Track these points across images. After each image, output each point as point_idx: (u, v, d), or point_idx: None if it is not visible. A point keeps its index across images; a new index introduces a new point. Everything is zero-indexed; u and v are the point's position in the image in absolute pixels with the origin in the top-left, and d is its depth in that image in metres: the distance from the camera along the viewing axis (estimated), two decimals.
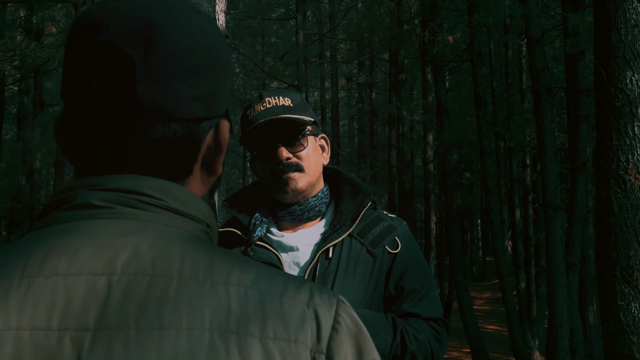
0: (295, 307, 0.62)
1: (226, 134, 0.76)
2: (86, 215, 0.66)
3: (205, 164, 0.75)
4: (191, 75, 0.70)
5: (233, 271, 0.63)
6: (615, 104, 3.80)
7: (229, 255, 0.66)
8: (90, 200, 0.66)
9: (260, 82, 20.03)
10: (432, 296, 1.74)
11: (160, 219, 0.67)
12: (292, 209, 1.70)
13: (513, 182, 15.32)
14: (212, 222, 0.74)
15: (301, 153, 1.67)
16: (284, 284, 0.64)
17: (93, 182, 0.68)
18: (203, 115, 0.72)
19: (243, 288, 0.62)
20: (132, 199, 0.67)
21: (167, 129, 0.69)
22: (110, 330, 0.58)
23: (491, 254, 27.42)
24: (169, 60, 0.68)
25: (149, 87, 0.67)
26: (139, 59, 0.67)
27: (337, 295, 0.66)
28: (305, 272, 1.62)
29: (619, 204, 3.76)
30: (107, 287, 0.60)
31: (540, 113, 8.66)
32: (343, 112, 25.29)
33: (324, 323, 0.63)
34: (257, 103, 1.68)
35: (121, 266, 0.61)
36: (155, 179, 0.69)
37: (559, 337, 8.36)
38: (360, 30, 14.92)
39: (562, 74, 15.03)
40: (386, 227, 1.73)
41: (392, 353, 1.58)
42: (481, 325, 13.18)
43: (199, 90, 0.70)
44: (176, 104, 0.68)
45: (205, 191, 0.78)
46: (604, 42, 3.90)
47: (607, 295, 3.71)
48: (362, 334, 0.65)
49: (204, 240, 0.69)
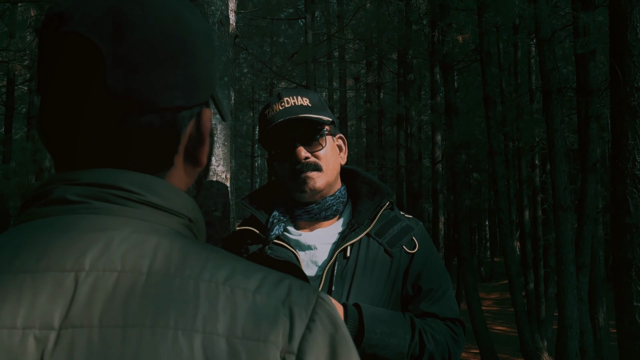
0: (269, 305, 0.60)
1: (208, 123, 0.74)
2: (61, 210, 0.64)
3: (187, 155, 0.73)
4: (165, 63, 0.67)
5: (207, 267, 0.61)
6: (631, 102, 3.77)
7: (208, 250, 0.64)
8: (66, 195, 0.64)
9: (268, 82, 20.05)
10: (449, 296, 1.75)
11: (137, 213, 0.65)
12: (310, 208, 1.70)
13: (522, 182, 15.26)
14: (196, 215, 0.71)
15: (319, 152, 1.68)
16: (260, 280, 0.62)
17: (69, 177, 0.66)
18: (181, 104, 0.69)
19: (214, 284, 0.59)
20: (108, 194, 0.64)
21: (142, 120, 0.66)
22: (74, 328, 0.56)
23: (499, 255, 27.36)
24: (139, 48, 0.65)
25: (119, 77, 0.64)
26: (107, 48, 0.64)
27: (318, 293, 0.64)
28: (323, 271, 1.63)
29: (635, 204, 3.73)
30: (74, 284, 0.58)
31: (551, 113, 8.62)
32: (351, 112, 25.27)
33: (297, 322, 0.60)
34: (275, 102, 1.68)
35: (90, 262, 0.59)
36: (134, 172, 0.67)
37: (569, 339, 8.33)
38: (368, 30, 14.89)
39: (571, 73, 15.00)
40: (404, 227, 1.74)
41: (410, 352, 1.58)
42: (489, 326, 13.14)
43: (175, 79, 0.68)
44: (150, 93, 0.66)
45: (190, 183, 0.75)
46: (620, 41, 3.87)
47: (622, 296, 3.68)
48: (339, 332, 0.62)
49: (185, 235, 0.67)
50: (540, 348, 11.87)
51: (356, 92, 22.54)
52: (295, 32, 21.88)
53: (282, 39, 21.75)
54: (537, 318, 13.27)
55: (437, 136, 15.10)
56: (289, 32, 22.08)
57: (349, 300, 1.60)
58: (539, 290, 14.33)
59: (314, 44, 13.18)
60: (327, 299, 0.64)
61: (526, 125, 12.85)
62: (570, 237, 8.46)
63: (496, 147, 11.52)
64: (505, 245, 11.18)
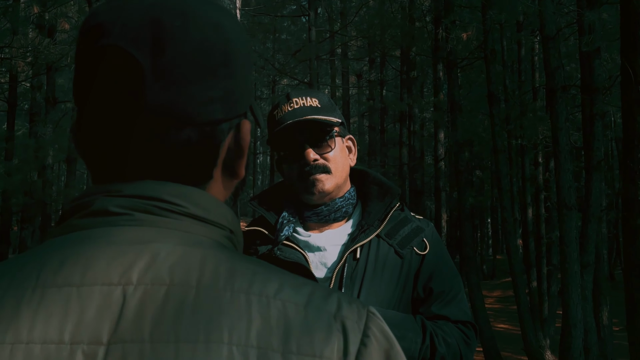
0: (321, 319, 0.58)
1: (247, 135, 0.72)
2: (103, 222, 0.63)
3: (226, 167, 0.72)
4: (206, 76, 0.65)
5: (255, 280, 0.59)
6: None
7: (253, 262, 0.63)
8: (108, 206, 0.63)
9: (270, 79, 20.06)
10: (460, 298, 1.73)
11: (179, 225, 0.64)
12: (319, 210, 1.68)
13: (525, 180, 15.24)
14: (236, 227, 0.70)
15: (328, 154, 1.65)
16: (309, 294, 0.60)
17: (110, 189, 0.65)
18: (221, 117, 0.68)
19: (265, 298, 0.58)
20: (150, 205, 0.64)
21: (182, 134, 0.65)
22: (124, 343, 0.55)
23: (501, 252, 27.36)
24: (180, 61, 0.64)
25: (159, 91, 0.63)
26: (147, 62, 0.63)
27: (368, 307, 0.62)
28: (332, 273, 1.61)
29: None
30: (122, 298, 0.57)
31: (555, 111, 8.58)
32: (354, 110, 25.26)
33: (352, 337, 0.58)
34: (284, 103, 1.66)
35: (137, 275, 0.58)
36: (175, 184, 0.66)
37: (573, 337, 8.30)
38: (371, 27, 14.89)
39: (575, 71, 14.96)
40: (414, 228, 1.71)
41: (421, 355, 1.56)
42: (492, 324, 13.13)
43: (215, 92, 0.66)
44: (190, 107, 0.65)
45: (227, 195, 0.74)
46: (631, 39, 3.81)
47: (633, 298, 3.65)
48: (394, 349, 0.60)
49: (226, 247, 0.66)
50: (543, 346, 11.86)
51: (359, 89, 22.54)
52: (298, 29, 21.86)
53: (284, 36, 21.75)
54: (540, 316, 13.28)
55: (440, 134, 15.08)
56: (291, 29, 22.07)
57: None
58: (541, 289, 14.33)
59: (317, 41, 13.17)
60: (376, 313, 0.63)
61: (530, 123, 12.83)
62: (575, 236, 8.43)
63: (500, 145, 11.50)
64: (509, 243, 11.15)
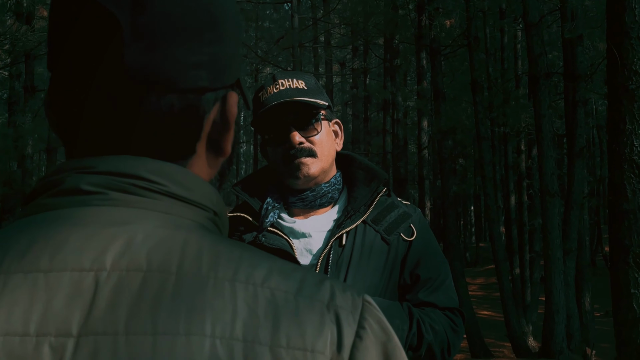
0: (313, 309, 0.54)
1: (234, 108, 0.67)
2: (75, 201, 0.57)
3: (211, 142, 0.66)
4: (189, 39, 0.60)
5: (241, 266, 0.55)
6: (629, 86, 3.70)
7: (239, 247, 0.58)
8: (80, 184, 0.58)
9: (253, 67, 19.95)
10: (448, 285, 1.71)
11: (159, 206, 0.58)
12: (304, 195, 1.65)
13: (508, 168, 15.34)
14: (221, 209, 0.65)
15: (314, 138, 1.61)
16: (300, 281, 0.56)
17: (83, 165, 0.59)
18: (205, 85, 0.62)
19: (252, 286, 0.54)
20: (127, 184, 0.58)
21: (163, 101, 0.60)
22: (96, 336, 0.50)
23: (485, 240, 27.58)
24: (161, 20, 0.59)
25: (138, 52, 0.58)
26: (126, 20, 0.57)
27: (363, 295, 0.58)
28: (318, 260, 1.58)
29: (632, 189, 3.68)
30: (94, 285, 0.52)
31: (538, 98, 8.62)
32: (337, 98, 25.23)
33: (346, 328, 0.54)
34: (269, 85, 1.61)
35: (111, 261, 0.53)
36: (155, 160, 0.60)
37: (556, 323, 8.38)
38: (355, 14, 14.81)
39: (557, 58, 15.04)
40: (401, 214, 1.68)
41: (408, 343, 1.54)
42: (475, 311, 13.22)
43: (200, 56, 0.61)
44: (172, 71, 0.59)
45: (213, 174, 0.69)
46: (617, 23, 3.80)
47: (619, 283, 3.66)
48: (392, 341, 0.57)
49: (210, 230, 0.61)
50: (526, 332, 11.97)
51: (342, 77, 22.47)
52: (280, 16, 21.76)
53: (267, 24, 21.63)
54: (523, 303, 13.40)
55: (423, 122, 15.08)
56: (274, 16, 21.95)
57: None
58: (524, 275, 14.46)
59: (299, 28, 13.09)
60: (373, 302, 0.58)
61: (513, 111, 12.88)
62: (557, 222, 8.50)
63: (483, 133, 11.53)
64: (492, 230, 11.22)
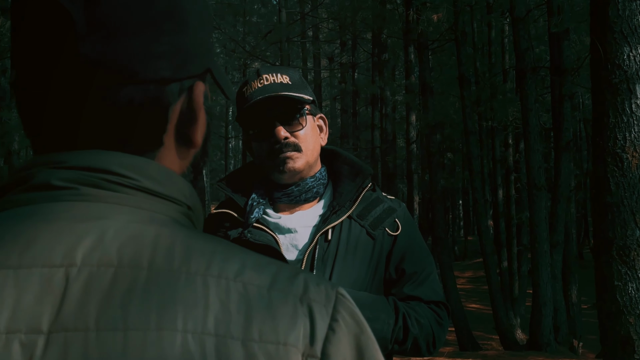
0: (287, 303, 0.54)
1: (200, 98, 0.65)
2: (45, 197, 0.57)
3: (179, 134, 0.65)
4: (147, 28, 0.59)
5: (214, 260, 0.54)
6: (613, 80, 3.72)
7: (212, 241, 0.58)
8: (50, 180, 0.57)
9: (241, 62, 19.88)
10: (432, 279, 1.71)
11: (131, 200, 0.58)
12: (290, 190, 1.65)
13: (496, 161, 15.40)
14: (195, 203, 0.65)
15: (299, 132, 1.61)
16: (274, 275, 0.56)
17: (53, 159, 0.58)
18: (168, 76, 0.61)
19: (225, 280, 0.53)
20: (98, 178, 0.57)
21: (123, 92, 0.59)
22: (66, 332, 0.50)
23: (473, 234, 27.70)
24: (118, 12, 0.57)
25: (94, 44, 0.57)
26: (79, 12, 0.56)
27: (337, 288, 0.58)
28: (304, 255, 1.58)
29: (615, 182, 3.72)
30: (65, 281, 0.51)
31: (525, 92, 8.66)
32: (325, 93, 25.19)
33: (319, 321, 0.54)
34: (254, 80, 1.61)
35: (82, 256, 0.53)
36: (126, 154, 0.60)
37: (543, 316, 8.45)
38: (342, 9, 14.79)
39: (544, 53, 15.09)
40: (386, 209, 1.69)
41: (394, 337, 1.55)
42: (463, 304, 13.30)
43: (159, 46, 0.60)
44: (129, 62, 0.58)
45: (184, 166, 0.68)
46: (601, 17, 3.82)
47: (603, 276, 3.69)
48: (365, 333, 0.57)
49: (184, 224, 0.60)
50: (514, 325, 12.06)
51: (330, 72, 22.44)
52: (268, 11, 21.68)
53: (255, 18, 21.54)
54: (511, 296, 13.49)
55: (411, 116, 15.11)
56: (262, 11, 21.88)
57: None
58: (512, 268, 14.55)
59: (287, 23, 13.05)
60: (346, 295, 0.58)
61: (500, 105, 12.94)
62: (544, 216, 8.56)
63: (471, 127, 11.57)
64: (480, 224, 11.28)
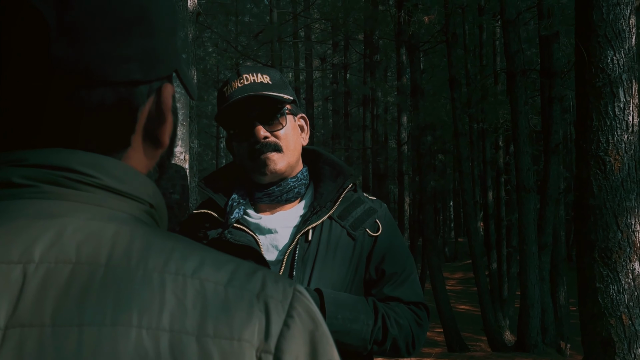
0: (243, 299, 0.55)
1: (168, 99, 0.67)
2: (5, 195, 0.57)
3: (147, 134, 0.66)
4: (118, 32, 0.60)
5: (172, 257, 0.55)
6: (596, 84, 3.75)
7: (172, 239, 0.58)
8: (11, 177, 0.58)
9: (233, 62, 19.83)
10: (413, 280, 1.71)
11: (92, 198, 0.59)
12: (271, 190, 1.65)
13: (486, 163, 15.46)
14: (158, 201, 0.66)
15: (279, 132, 1.61)
16: (232, 272, 0.57)
17: (14, 157, 0.59)
18: (138, 79, 0.62)
19: (182, 277, 0.54)
20: (59, 176, 0.58)
21: (93, 94, 0.59)
22: (22, 328, 0.50)
23: (463, 235, 27.77)
24: (88, 15, 0.58)
25: (65, 47, 0.57)
26: (51, 14, 0.57)
27: (295, 285, 0.59)
28: (284, 255, 1.58)
29: (598, 185, 3.75)
30: (22, 278, 0.52)
31: (515, 95, 8.69)
32: (317, 93, 25.19)
33: (274, 318, 0.55)
34: (234, 79, 1.61)
35: (40, 253, 0.53)
36: (87, 152, 0.60)
37: (531, 317, 8.49)
38: (335, 9, 14.79)
39: (535, 56, 15.16)
40: (367, 210, 1.69)
41: (373, 337, 1.55)
42: (453, 305, 13.35)
43: (129, 50, 0.61)
44: (100, 65, 0.59)
45: (150, 165, 0.68)
46: (585, 21, 3.85)
47: (585, 278, 3.72)
48: (319, 329, 0.58)
49: (145, 222, 0.61)
50: (503, 326, 12.10)
51: (322, 72, 22.46)
52: (260, 10, 21.64)
53: (247, 18, 21.51)
54: (500, 297, 13.53)
55: (403, 117, 15.14)
56: (254, 10, 21.83)
57: (310, 285, 1.55)
58: (501, 270, 14.60)
59: (279, 22, 13.05)
60: (304, 292, 0.59)
61: (491, 107, 12.98)
62: (533, 218, 8.59)
63: (461, 129, 11.61)
64: (470, 225, 11.31)
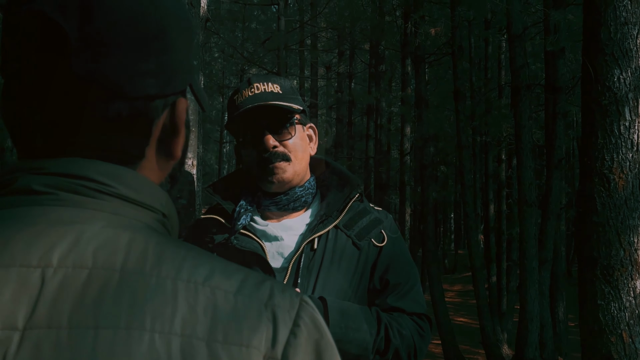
0: (252, 307, 0.57)
1: (183, 114, 0.69)
2: (25, 201, 0.59)
3: (161, 147, 0.68)
4: (137, 47, 0.62)
5: (185, 265, 0.58)
6: (602, 101, 3.78)
7: (184, 247, 0.61)
8: (31, 184, 0.60)
9: (239, 68, 19.90)
10: (416, 291, 1.73)
11: (108, 206, 0.61)
12: (278, 199, 1.66)
13: (488, 176, 15.45)
14: (170, 211, 0.68)
15: (288, 142, 1.63)
16: (241, 281, 0.59)
17: (34, 165, 0.61)
18: (154, 93, 0.64)
19: (193, 285, 0.56)
20: (77, 185, 0.60)
21: (111, 107, 0.62)
22: (40, 329, 0.52)
23: (463, 247, 27.72)
24: (109, 30, 0.60)
25: (85, 61, 0.60)
26: (73, 30, 0.59)
27: (302, 296, 0.61)
28: (289, 263, 1.59)
29: (602, 202, 3.76)
30: (41, 281, 0.54)
31: (519, 109, 8.71)
32: (322, 101, 25.24)
33: (281, 326, 0.57)
34: (245, 88, 1.63)
35: (58, 258, 0.55)
36: (104, 163, 0.63)
37: (529, 332, 8.47)
38: (341, 19, 14.85)
39: (540, 70, 15.19)
40: (373, 220, 1.71)
41: (375, 347, 1.56)
42: (451, 317, 13.30)
43: (147, 65, 0.63)
44: (119, 79, 0.61)
45: (163, 176, 0.71)
46: (593, 39, 3.88)
47: (586, 294, 3.73)
48: (324, 339, 0.60)
49: (158, 231, 0.63)
50: (501, 340, 12.07)
51: (327, 81, 22.48)
52: (267, 18, 21.73)
53: (254, 25, 21.59)
54: (499, 310, 13.49)
55: (406, 128, 15.15)
56: (261, 17, 21.93)
57: (314, 293, 1.57)
58: (500, 284, 14.56)
59: (286, 30, 13.10)
60: (310, 302, 0.61)
61: (494, 120, 12.99)
62: (534, 232, 8.59)
63: (464, 141, 11.61)
64: (471, 238, 11.30)
